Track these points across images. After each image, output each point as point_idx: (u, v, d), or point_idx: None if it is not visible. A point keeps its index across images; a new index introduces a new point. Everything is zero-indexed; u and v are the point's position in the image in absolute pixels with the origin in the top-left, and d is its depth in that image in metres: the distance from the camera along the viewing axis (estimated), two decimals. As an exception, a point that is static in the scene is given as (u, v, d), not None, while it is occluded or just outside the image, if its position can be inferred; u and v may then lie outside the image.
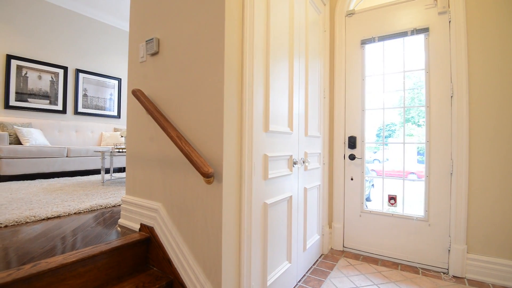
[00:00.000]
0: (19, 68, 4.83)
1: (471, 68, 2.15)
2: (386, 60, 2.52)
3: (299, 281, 2.04)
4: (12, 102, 4.76)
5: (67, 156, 4.58)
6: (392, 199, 2.51)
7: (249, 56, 1.46)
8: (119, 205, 2.55)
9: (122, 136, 4.00)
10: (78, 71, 5.63)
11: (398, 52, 2.48)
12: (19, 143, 4.39)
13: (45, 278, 1.22)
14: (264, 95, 1.62)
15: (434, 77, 2.30)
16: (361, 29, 2.61)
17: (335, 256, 2.52)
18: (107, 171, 5.46)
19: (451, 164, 2.22)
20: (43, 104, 5.15)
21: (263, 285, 1.60)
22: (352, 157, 2.61)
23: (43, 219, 2.03)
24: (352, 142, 2.61)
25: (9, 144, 4.22)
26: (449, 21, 2.23)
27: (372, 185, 5.19)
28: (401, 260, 2.40)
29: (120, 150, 3.85)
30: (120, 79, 6.42)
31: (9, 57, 4.70)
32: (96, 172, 5.24)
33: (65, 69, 5.44)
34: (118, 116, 6.41)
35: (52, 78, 5.26)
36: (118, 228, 1.83)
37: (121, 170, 5.86)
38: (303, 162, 2.13)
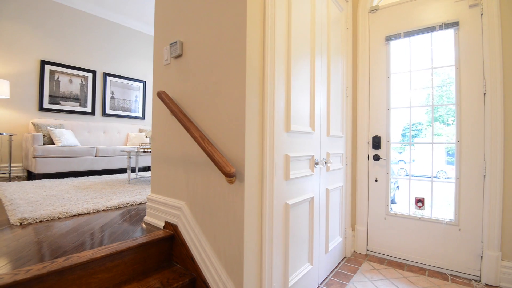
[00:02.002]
0: (52, 72, 5.12)
1: (506, 63, 2.02)
2: (412, 56, 2.43)
3: (320, 284, 2.01)
4: (46, 104, 5.05)
5: (96, 156, 4.79)
6: (420, 201, 2.41)
7: (270, 56, 1.46)
8: (145, 203, 2.63)
9: (147, 137, 4.12)
10: (105, 74, 5.89)
11: (426, 48, 2.38)
12: (52, 143, 4.66)
13: (77, 271, 1.28)
14: (286, 95, 1.61)
15: (465, 73, 2.18)
16: (385, 25, 2.54)
17: (358, 259, 2.46)
18: (133, 170, 5.66)
19: (484, 165, 2.10)
20: (74, 106, 5.43)
21: (284, 286, 1.59)
22: (376, 158, 2.54)
23: (74, 215, 2.14)
24: (376, 142, 2.54)
25: (43, 144, 4.48)
26: (481, 14, 2.12)
27: (397, 187, 5.01)
28: (428, 265, 2.30)
29: (145, 150, 3.97)
30: (145, 81, 6.63)
31: (43, 63, 5.00)
32: (123, 171, 5.45)
33: (94, 73, 5.70)
34: (143, 117, 6.62)
35: (82, 81, 5.53)
36: (144, 225, 1.89)
37: (146, 169, 6.05)
38: (325, 162, 2.10)
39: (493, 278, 2.02)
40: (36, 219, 1.97)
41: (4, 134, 4.11)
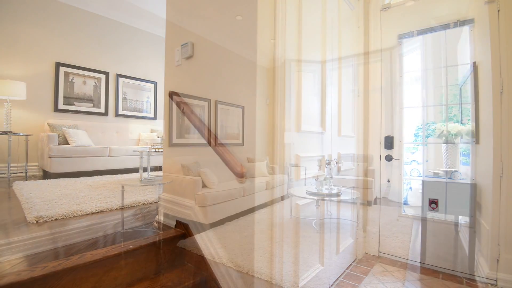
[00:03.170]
0: (66, 74, 5.24)
1: (525, 61, 1.96)
2: (425, 55, 2.38)
3: (331, 285, 1.99)
4: (61, 105, 5.18)
5: (109, 156, 4.89)
6: (433, 203, 2.36)
7: (280, 57, 1.45)
8: (156, 202, 2.66)
9: (158, 137, 4.18)
10: (118, 76, 6.00)
11: (440, 46, 2.33)
12: (67, 143, 4.77)
13: (91, 269, 1.31)
14: (296, 95, 1.60)
15: (480, 71, 2.12)
16: (398, 23, 2.49)
17: (370, 261, 2.43)
18: (145, 169, 5.73)
19: (501, 166, 2.04)
20: (88, 107, 5.55)
21: (294, 287, 1.58)
22: (388, 158, 2.50)
23: (88, 214, 2.19)
24: (388, 142, 2.50)
25: (58, 144, 4.60)
26: (498, 10, 2.05)
27: (410, 187, 4.91)
28: (443, 268, 2.25)
29: (157, 150, 4.02)
30: (156, 82, 6.72)
31: (58, 65, 5.12)
32: (135, 170, 5.53)
33: (107, 74, 5.82)
34: (154, 117, 6.71)
35: (95, 83, 5.65)
36: (155, 224, 1.91)
37: (157, 169, 6.12)
38: (336, 162, 2.08)
39: (510, 282, 1.95)
40: (52, 217, 2.02)
41: (21, 134, 4.23)
